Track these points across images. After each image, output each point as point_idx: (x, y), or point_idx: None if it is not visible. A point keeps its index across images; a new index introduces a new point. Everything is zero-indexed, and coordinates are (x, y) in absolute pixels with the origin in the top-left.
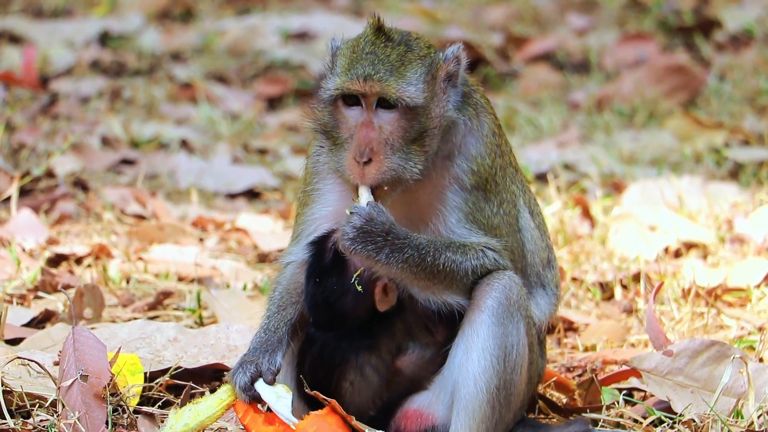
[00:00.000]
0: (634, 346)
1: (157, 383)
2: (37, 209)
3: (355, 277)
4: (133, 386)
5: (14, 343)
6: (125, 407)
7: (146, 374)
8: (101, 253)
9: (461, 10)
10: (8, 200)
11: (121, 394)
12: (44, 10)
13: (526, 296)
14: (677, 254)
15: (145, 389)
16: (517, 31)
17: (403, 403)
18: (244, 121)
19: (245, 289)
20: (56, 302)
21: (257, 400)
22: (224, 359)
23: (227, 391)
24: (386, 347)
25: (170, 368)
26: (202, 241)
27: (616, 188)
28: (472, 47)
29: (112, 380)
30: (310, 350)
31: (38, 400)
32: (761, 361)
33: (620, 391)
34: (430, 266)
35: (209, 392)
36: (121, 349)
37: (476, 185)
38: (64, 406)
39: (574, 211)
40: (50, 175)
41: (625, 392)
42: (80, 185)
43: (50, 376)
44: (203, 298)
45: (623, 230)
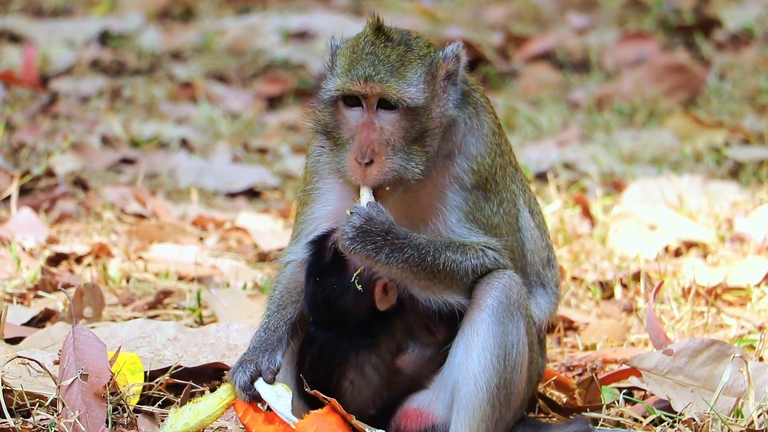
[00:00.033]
0: (634, 345)
1: (157, 382)
2: (37, 208)
3: (355, 276)
4: (133, 385)
5: (14, 342)
6: (125, 406)
7: (146, 373)
8: (101, 252)
9: (461, 9)
10: (8, 199)
11: (121, 393)
12: (44, 9)
13: (526, 295)
14: (677, 253)
15: (145, 388)
16: (517, 30)
17: (403, 402)
18: (244, 120)
19: (245, 288)
20: (56, 301)
21: (257, 399)
22: (224, 358)
23: (227, 390)
24: (386, 346)
25: (170, 367)
26: (202, 240)
27: (616, 187)
28: (472, 46)
29: (112, 379)
30: (310, 349)
31: (38, 399)
32: (761, 360)
33: (620, 390)
34: (430, 266)
35: (209, 391)
36: (121, 348)
37: (476, 184)
38: (64, 405)
39: (574, 210)
40: (50, 174)
41: (625, 391)
42: (80, 184)
43: (50, 375)
44: (203, 297)
45: (623, 229)
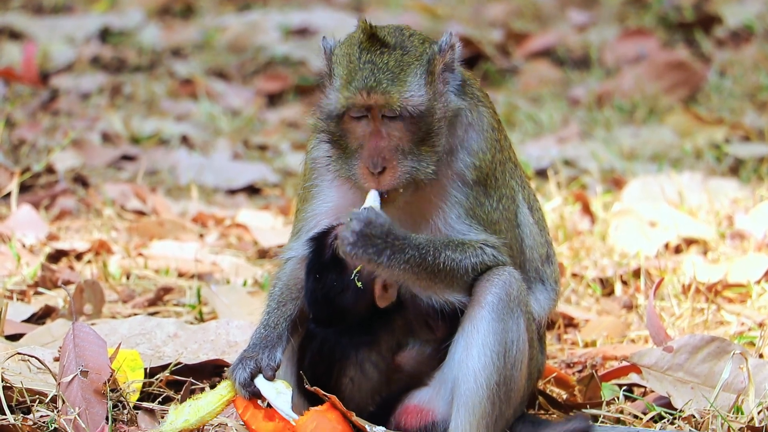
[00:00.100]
0: (634, 342)
1: (157, 379)
2: (37, 205)
3: (355, 273)
4: (133, 382)
5: (14, 338)
6: (125, 403)
7: (146, 370)
8: (101, 249)
9: (461, 5)
10: (8, 196)
11: (121, 389)
12: (44, 6)
13: (526, 292)
14: (677, 250)
15: (145, 385)
16: (517, 27)
17: (403, 399)
18: (244, 117)
19: (245, 284)
20: (56, 298)
21: (257, 396)
22: (224, 355)
23: (227, 387)
24: (386, 343)
25: (170, 364)
26: (202, 237)
27: (616, 184)
28: (472, 43)
29: (112, 376)
30: (310, 346)
31: (38, 395)
32: (761, 356)
33: (620, 386)
34: (430, 265)
35: (209, 388)
36: (121, 344)
37: (477, 180)
38: (64, 401)
39: (574, 207)
40: (50, 171)
41: (625, 388)
42: (80, 181)
43: (50, 371)
44: (203, 294)
45: (623, 226)
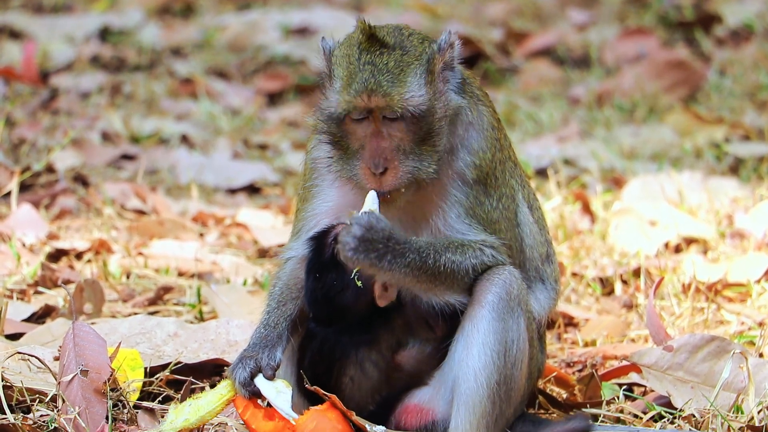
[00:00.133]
0: (634, 341)
1: (157, 378)
2: (37, 204)
3: (355, 272)
4: (133, 381)
5: (14, 338)
6: (125, 402)
7: (146, 369)
8: (101, 248)
9: (461, 5)
10: (8, 195)
11: (121, 389)
12: (44, 5)
13: (526, 291)
14: (677, 249)
15: (145, 384)
16: (517, 26)
17: (403, 398)
18: (244, 116)
19: (245, 284)
20: (56, 297)
21: (257, 395)
22: (224, 354)
23: (227, 386)
24: (386, 342)
25: (170, 363)
26: (202, 236)
27: (616, 183)
28: (472, 42)
29: (112, 375)
30: (310, 345)
31: (38, 395)
32: (761, 356)
33: (620, 386)
34: (431, 268)
35: (209, 387)
36: (121, 344)
37: (477, 179)
38: (64, 401)
39: (574, 206)
40: (50, 170)
41: (625, 387)
42: (80, 180)
43: (50, 371)
44: (203, 293)
45: (623, 225)
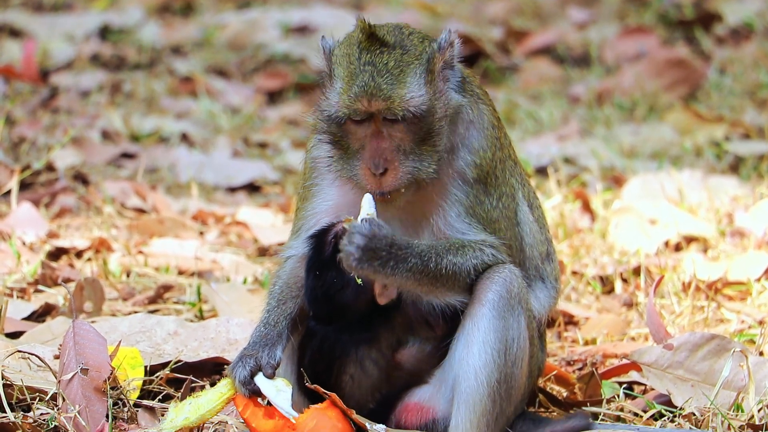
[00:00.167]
0: (634, 339)
1: (157, 377)
2: (37, 203)
3: None
4: (133, 380)
5: (14, 336)
6: (125, 401)
7: (146, 368)
8: (101, 246)
9: (461, 3)
10: (8, 194)
11: (121, 387)
12: (44, 3)
13: (526, 289)
14: (677, 248)
15: (145, 383)
16: (517, 24)
17: (403, 396)
18: (244, 114)
19: (245, 282)
20: (56, 296)
21: (257, 393)
22: (224, 353)
23: (227, 384)
24: (386, 341)
25: (170, 362)
26: (202, 234)
27: (616, 182)
28: (472, 41)
29: (112, 374)
30: (310, 344)
31: (38, 393)
32: (761, 354)
33: (620, 384)
34: (432, 272)
35: (209, 386)
36: (121, 342)
37: (478, 178)
38: (64, 399)
39: (574, 204)
40: (50, 168)
41: (625, 386)
42: (80, 179)
43: (50, 369)
44: (203, 291)
45: (623, 224)
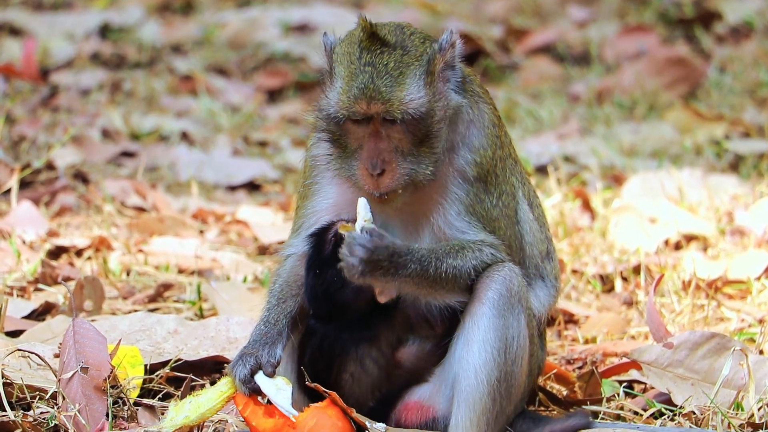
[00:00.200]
0: (634, 338)
1: (157, 375)
2: (37, 201)
3: None
4: (133, 378)
5: (14, 335)
6: (125, 399)
7: (146, 366)
8: (101, 245)
9: (461, 2)
10: (8, 192)
11: (121, 386)
12: (44, 2)
13: (526, 288)
14: (677, 246)
15: (145, 381)
16: (517, 23)
17: (403, 395)
18: (244, 113)
19: (245, 281)
20: (56, 294)
21: (257, 392)
22: (224, 351)
23: (227, 383)
24: (386, 339)
25: (170, 360)
26: (202, 233)
27: (616, 180)
28: (472, 39)
29: (112, 372)
30: (310, 342)
31: (38, 392)
32: (761, 353)
33: (620, 383)
34: (432, 276)
35: (209, 384)
36: (121, 341)
37: (478, 177)
38: (64, 398)
39: (574, 203)
40: (50, 167)
41: (625, 384)
42: (80, 177)
43: (50, 368)
44: (203, 290)
45: (623, 222)
